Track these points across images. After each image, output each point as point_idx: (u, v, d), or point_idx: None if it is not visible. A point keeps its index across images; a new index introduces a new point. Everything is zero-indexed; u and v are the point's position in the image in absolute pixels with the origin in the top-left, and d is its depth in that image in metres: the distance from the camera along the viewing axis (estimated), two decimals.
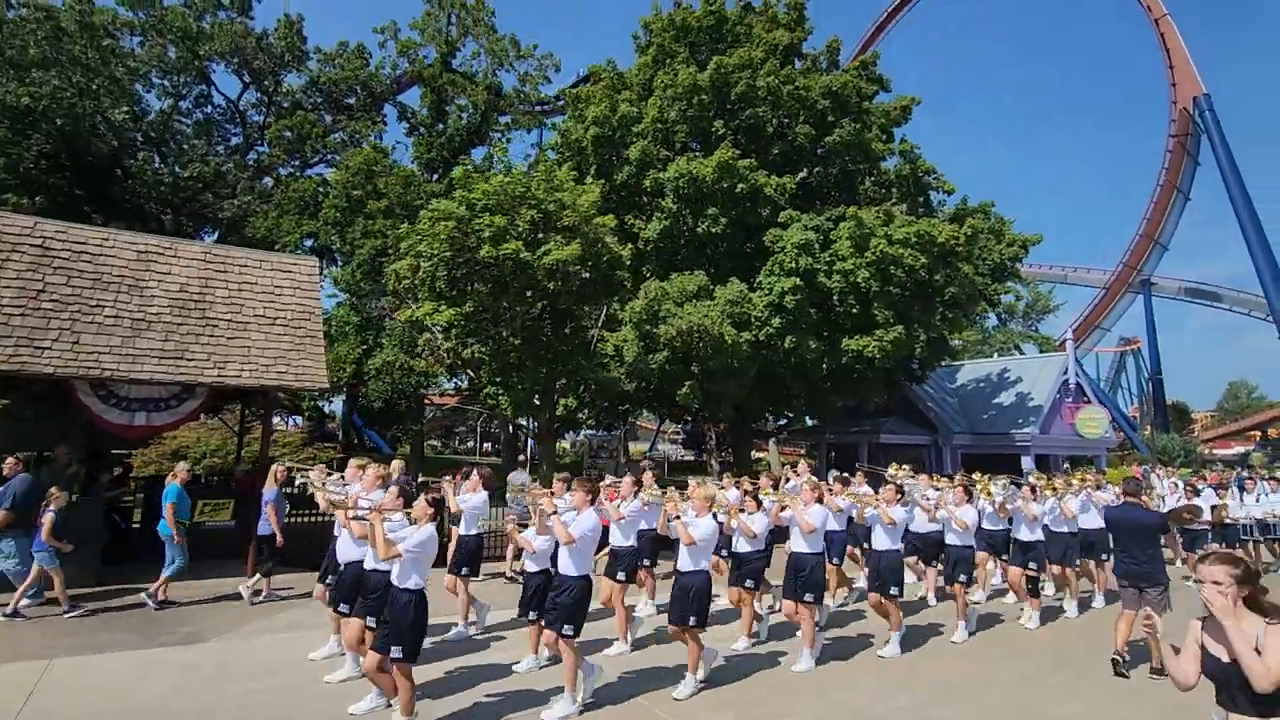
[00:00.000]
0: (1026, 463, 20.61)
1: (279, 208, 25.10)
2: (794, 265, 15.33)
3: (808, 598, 6.58)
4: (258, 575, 8.66)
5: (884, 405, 22.93)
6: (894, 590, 7.05)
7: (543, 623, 5.55)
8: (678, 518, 5.98)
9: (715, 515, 6.96)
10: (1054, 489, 9.20)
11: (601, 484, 8.75)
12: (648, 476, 9.10)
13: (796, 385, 17.19)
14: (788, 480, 10.29)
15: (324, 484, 6.91)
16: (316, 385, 11.29)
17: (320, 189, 25.81)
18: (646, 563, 8.37)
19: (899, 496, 7.38)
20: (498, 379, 14.53)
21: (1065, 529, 8.97)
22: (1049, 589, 9.67)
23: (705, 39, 19.40)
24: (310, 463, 19.63)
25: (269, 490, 8.73)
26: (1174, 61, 48.26)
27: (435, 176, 26.69)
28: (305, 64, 28.51)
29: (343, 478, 7.22)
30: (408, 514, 5.06)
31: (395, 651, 4.60)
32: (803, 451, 35.93)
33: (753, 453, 39.71)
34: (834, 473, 10.05)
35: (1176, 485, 13.53)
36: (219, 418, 18.21)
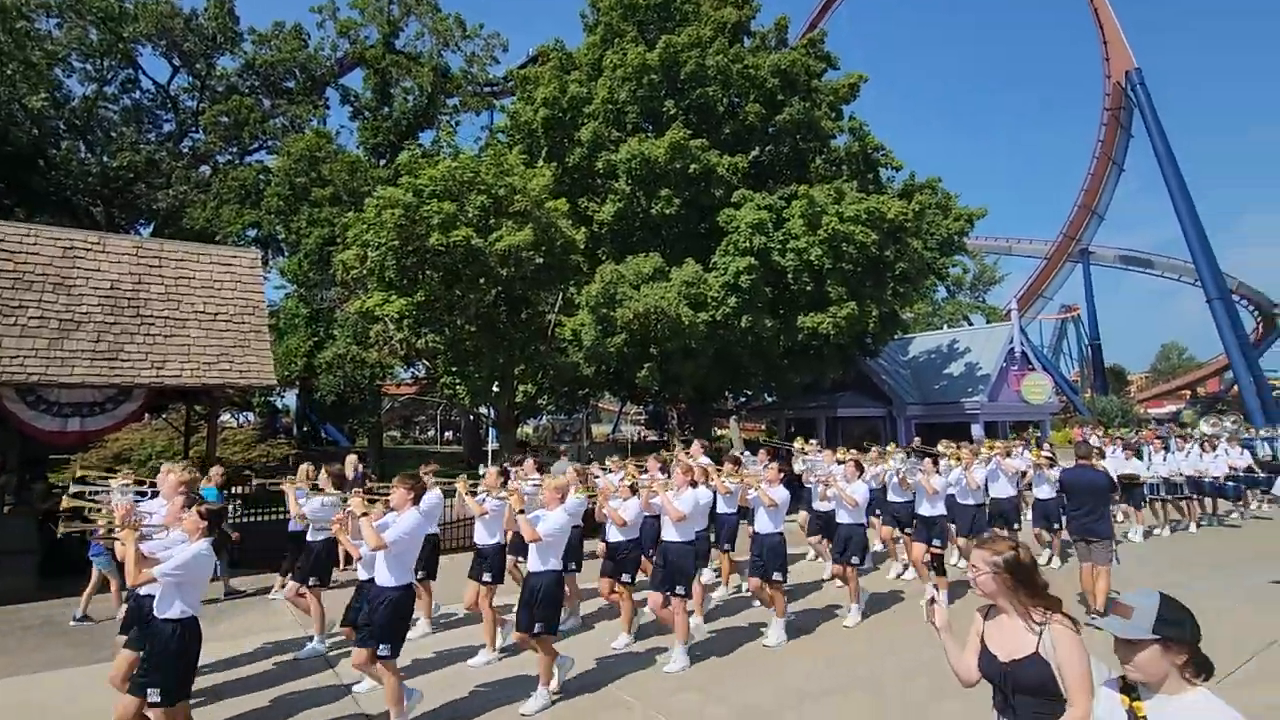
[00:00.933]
0: (976, 430, 21.23)
1: (218, 197, 24.05)
2: (748, 245, 15.34)
3: (679, 590, 6.04)
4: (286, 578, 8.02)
5: (840, 380, 23.30)
6: (776, 575, 6.63)
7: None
8: (521, 511, 5.41)
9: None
10: (958, 458, 8.87)
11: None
12: (528, 464, 8.30)
13: (754, 364, 17.30)
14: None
15: (86, 493, 5.66)
16: (263, 382, 10.91)
17: (261, 177, 24.80)
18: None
19: (781, 476, 6.98)
20: (454, 368, 14.25)
21: (971, 500, 8.58)
22: (954, 559, 9.36)
23: (653, 17, 19.10)
24: (262, 460, 19.06)
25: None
26: (1107, 36, 49.63)
27: (383, 161, 25.87)
28: (239, 45, 27.22)
29: (152, 484, 6.03)
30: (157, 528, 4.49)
31: (152, 695, 3.90)
32: (763, 428, 36.43)
33: (715, 430, 40.14)
34: (734, 452, 9.70)
35: None
36: (163, 418, 17.51)
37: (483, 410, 15.85)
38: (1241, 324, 48.34)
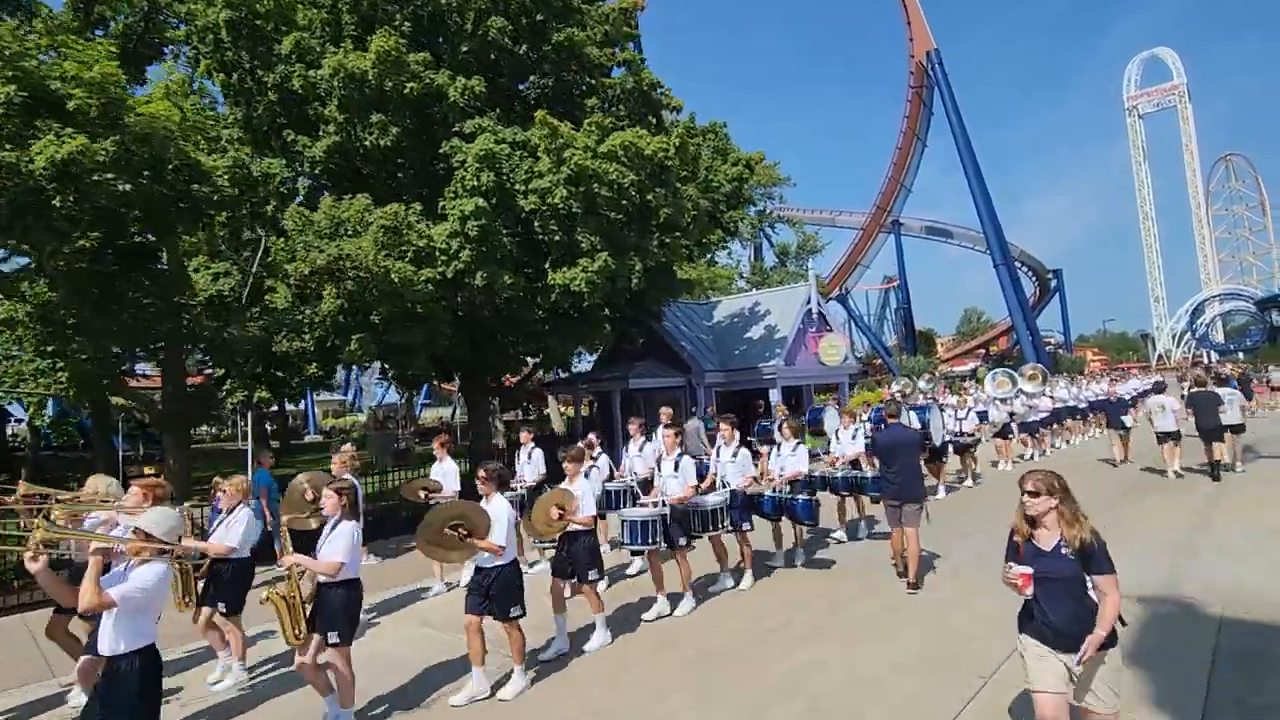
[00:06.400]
0: (774, 396, 19.54)
1: None
2: (476, 182, 12.04)
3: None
4: None
5: (639, 348, 20.84)
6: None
7: None
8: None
9: None
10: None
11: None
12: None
13: (508, 330, 14.16)
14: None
15: None
16: None
17: None
18: None
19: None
20: (48, 347, 9.86)
21: None
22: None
23: None
24: None
25: None
26: (910, 18, 50.97)
27: None
28: None
29: None
30: None
31: None
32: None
33: (545, 408, 36.88)
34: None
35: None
36: None
37: (121, 401, 11.48)
38: (1023, 288, 52.16)
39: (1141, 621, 5.51)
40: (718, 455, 7.31)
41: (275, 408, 38.42)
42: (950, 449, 12.48)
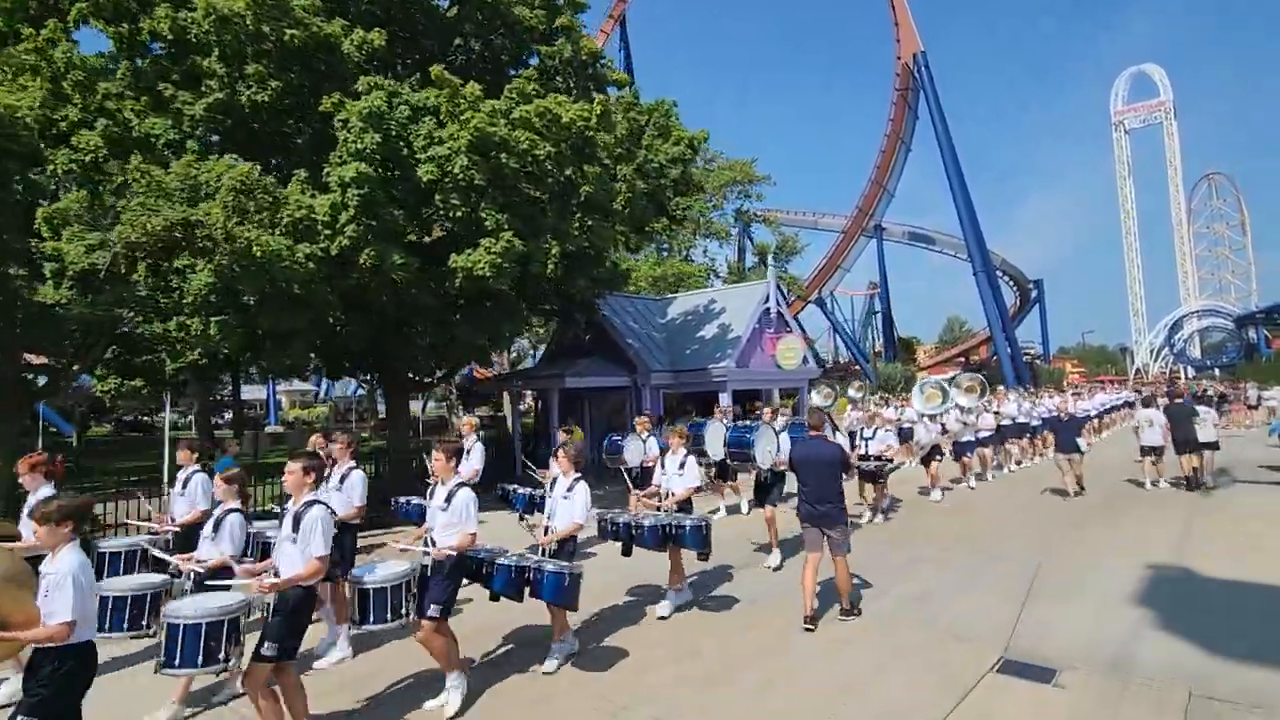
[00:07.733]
0: (724, 400, 17.96)
1: None
2: (359, 145, 10.35)
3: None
4: None
5: (586, 345, 19.23)
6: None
7: None
8: None
9: None
10: None
11: None
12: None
13: (412, 318, 12.47)
14: None
15: None
16: None
17: None
18: None
19: None
20: None
21: None
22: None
23: None
24: None
25: None
26: (898, 19, 49.58)
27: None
28: None
29: None
30: None
31: None
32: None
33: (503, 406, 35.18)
34: None
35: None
36: None
37: None
38: (1002, 296, 50.94)
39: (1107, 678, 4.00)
40: (430, 496, 4.83)
41: (231, 396, 36.46)
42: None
